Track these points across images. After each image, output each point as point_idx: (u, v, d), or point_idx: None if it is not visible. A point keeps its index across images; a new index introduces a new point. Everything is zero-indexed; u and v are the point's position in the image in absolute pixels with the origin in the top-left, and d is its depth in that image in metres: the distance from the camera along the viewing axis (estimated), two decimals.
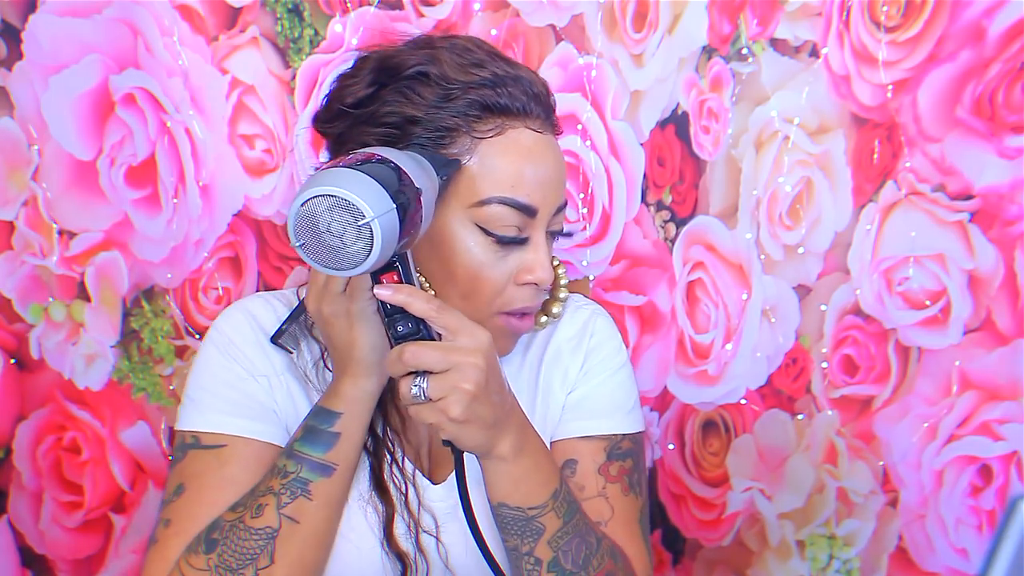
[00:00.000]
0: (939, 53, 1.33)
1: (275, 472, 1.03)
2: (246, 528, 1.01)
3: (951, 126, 1.34)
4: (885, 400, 1.42)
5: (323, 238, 0.86)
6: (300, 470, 1.02)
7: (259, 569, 1.00)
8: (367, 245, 0.86)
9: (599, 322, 1.21)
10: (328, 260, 0.87)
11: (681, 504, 1.52)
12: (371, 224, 0.86)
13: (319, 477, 1.02)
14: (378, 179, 0.88)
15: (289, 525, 1.01)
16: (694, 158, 1.43)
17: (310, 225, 0.86)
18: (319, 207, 0.86)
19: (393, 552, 1.09)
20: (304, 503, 1.01)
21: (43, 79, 1.52)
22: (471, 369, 0.94)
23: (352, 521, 1.09)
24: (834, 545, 1.47)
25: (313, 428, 1.03)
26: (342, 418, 1.02)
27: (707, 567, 1.53)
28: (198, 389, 1.10)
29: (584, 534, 1.05)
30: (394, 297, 0.94)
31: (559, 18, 1.43)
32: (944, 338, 1.38)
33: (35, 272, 1.58)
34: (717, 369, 1.47)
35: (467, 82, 1.03)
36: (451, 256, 1.05)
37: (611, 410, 1.17)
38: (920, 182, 1.36)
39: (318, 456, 1.02)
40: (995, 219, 1.34)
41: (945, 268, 1.37)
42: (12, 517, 1.65)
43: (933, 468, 1.41)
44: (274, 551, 1.00)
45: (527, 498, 1.02)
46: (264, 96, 1.49)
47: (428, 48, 1.06)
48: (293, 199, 0.87)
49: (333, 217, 0.86)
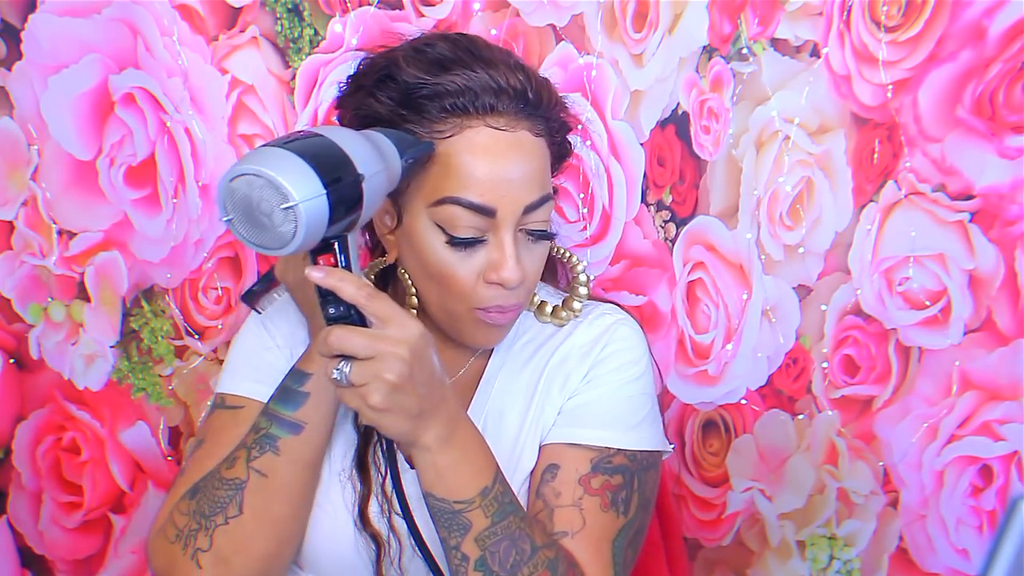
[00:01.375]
0: (939, 53, 1.33)
1: (251, 428, 1.07)
2: (220, 479, 1.06)
3: (951, 126, 1.34)
4: (886, 400, 1.42)
5: (253, 216, 0.86)
6: (270, 427, 1.05)
7: (229, 517, 1.05)
8: (292, 228, 0.86)
9: (620, 331, 1.17)
10: (256, 238, 0.87)
11: (681, 504, 1.52)
12: (295, 208, 0.85)
13: (287, 434, 1.05)
14: (312, 161, 0.87)
15: (257, 478, 1.05)
16: (694, 158, 1.43)
17: (239, 201, 0.86)
18: (248, 185, 0.86)
19: (367, 532, 1.12)
20: (272, 458, 1.05)
21: (43, 79, 1.52)
22: (394, 360, 0.93)
23: (330, 494, 1.13)
24: (834, 545, 1.47)
25: (286, 388, 1.06)
26: (312, 379, 1.05)
27: (707, 567, 1.53)
28: (231, 355, 1.17)
29: (517, 539, 1.03)
30: (325, 280, 0.92)
31: (559, 18, 1.42)
32: (945, 338, 1.38)
33: (35, 272, 1.58)
34: (717, 369, 1.47)
35: (424, 84, 1.04)
36: (422, 254, 1.06)
37: (608, 422, 1.14)
38: (920, 182, 1.36)
39: (288, 414, 1.05)
40: (995, 219, 1.34)
41: (945, 268, 1.37)
42: (12, 517, 1.66)
43: (934, 468, 1.41)
44: (242, 502, 1.05)
45: (453, 491, 1.01)
46: (264, 96, 1.49)
47: (400, 50, 1.08)
48: (224, 173, 0.87)
49: (262, 196, 0.86)
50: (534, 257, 1.09)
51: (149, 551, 1.11)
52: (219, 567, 1.05)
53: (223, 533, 1.05)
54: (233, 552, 1.05)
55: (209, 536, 1.05)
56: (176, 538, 1.07)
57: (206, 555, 1.05)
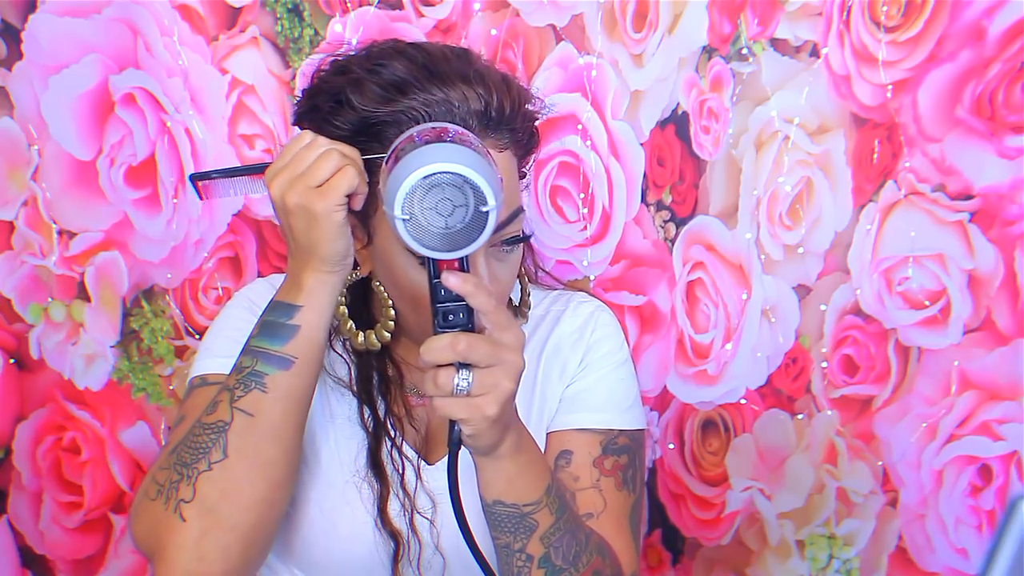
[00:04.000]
0: (939, 53, 1.33)
1: (232, 371, 1.01)
2: (200, 424, 0.99)
3: (951, 126, 1.34)
4: (885, 400, 1.42)
5: (425, 215, 0.83)
6: (255, 364, 0.99)
7: (212, 463, 0.97)
8: (475, 233, 0.84)
9: (602, 318, 1.22)
10: (428, 239, 0.84)
11: (681, 503, 1.52)
12: (490, 212, 0.83)
13: (276, 370, 0.99)
14: (492, 165, 0.85)
15: (243, 418, 0.98)
16: (694, 158, 1.44)
17: (426, 200, 0.83)
18: (440, 182, 0.83)
19: (386, 530, 1.10)
20: (259, 396, 0.98)
21: (43, 79, 1.52)
22: (514, 368, 0.91)
23: (347, 496, 1.11)
24: (834, 545, 1.47)
25: (271, 322, 1.00)
26: (302, 311, 0.99)
27: (706, 566, 1.53)
28: (209, 340, 1.12)
29: (575, 530, 1.04)
30: (461, 286, 0.88)
31: (559, 18, 1.43)
32: (944, 338, 1.38)
33: (35, 272, 1.58)
34: (717, 369, 1.47)
35: (378, 110, 1.01)
36: (394, 275, 1.05)
37: (608, 405, 1.17)
38: (920, 182, 1.36)
39: (276, 349, 0.99)
40: (995, 219, 1.34)
41: (945, 268, 1.37)
42: (12, 517, 1.66)
43: (933, 468, 1.41)
44: (226, 444, 0.97)
45: (523, 495, 1.01)
46: (264, 96, 1.50)
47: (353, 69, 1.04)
48: (394, 167, 0.83)
49: (450, 196, 0.83)
50: (508, 266, 1.07)
51: (131, 518, 1.03)
52: (205, 517, 0.97)
53: (207, 480, 0.97)
54: (220, 499, 0.97)
55: (192, 485, 0.97)
56: (157, 494, 0.99)
57: (190, 506, 0.97)
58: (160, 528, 0.97)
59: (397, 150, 0.88)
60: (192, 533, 0.96)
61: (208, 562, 0.96)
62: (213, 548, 0.96)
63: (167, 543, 0.96)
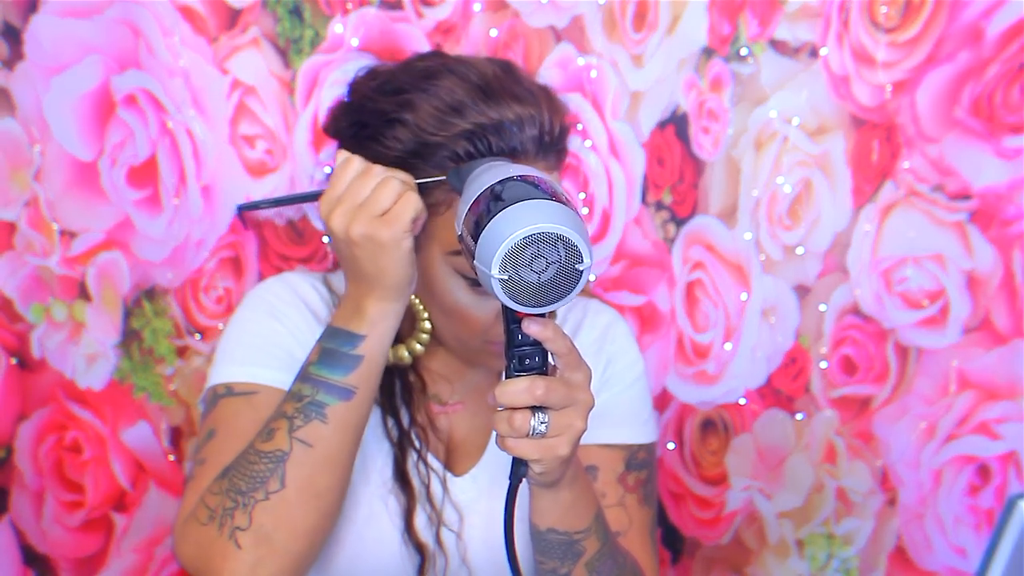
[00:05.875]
0: (938, 54, 1.33)
1: (289, 397, 1.00)
2: (256, 452, 0.99)
3: (950, 126, 1.34)
4: (884, 400, 1.42)
5: (520, 272, 0.81)
6: (316, 393, 0.99)
7: (269, 492, 0.98)
8: (568, 289, 0.82)
9: (620, 329, 1.22)
10: (513, 292, 0.82)
11: (680, 503, 1.53)
12: (584, 271, 0.82)
13: (337, 401, 0.99)
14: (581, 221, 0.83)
15: (301, 448, 0.98)
16: (694, 158, 1.44)
17: (518, 258, 0.80)
18: (539, 240, 0.80)
19: (412, 543, 1.10)
20: (319, 427, 0.99)
21: (44, 80, 1.52)
22: (585, 407, 0.91)
23: (373, 508, 1.10)
24: (833, 544, 1.47)
25: (332, 351, 1.00)
26: (366, 341, 0.99)
27: (706, 566, 1.53)
28: (230, 345, 1.11)
29: (615, 554, 1.05)
30: (542, 333, 0.87)
31: (559, 19, 1.43)
32: (943, 338, 1.39)
33: (36, 272, 1.58)
34: (716, 369, 1.48)
35: (441, 133, 1.00)
36: (439, 296, 1.05)
37: (629, 419, 1.17)
38: (919, 182, 1.37)
39: (337, 379, 0.99)
40: (993, 219, 1.35)
41: (944, 268, 1.37)
42: (14, 516, 1.66)
43: (931, 467, 1.42)
44: (284, 474, 0.98)
45: (575, 523, 1.01)
46: (265, 97, 1.50)
47: (408, 87, 1.03)
48: (488, 221, 0.81)
49: (545, 255, 0.81)
50: None
51: (177, 539, 1.04)
52: (261, 546, 0.97)
53: (264, 509, 0.98)
54: (275, 528, 0.98)
55: (248, 513, 0.98)
56: (209, 519, 0.99)
57: (246, 533, 0.97)
58: (213, 553, 0.98)
59: (485, 198, 0.85)
60: (247, 560, 0.97)
61: None
62: (266, 574, 0.98)
63: (221, 569, 0.98)
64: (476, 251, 0.82)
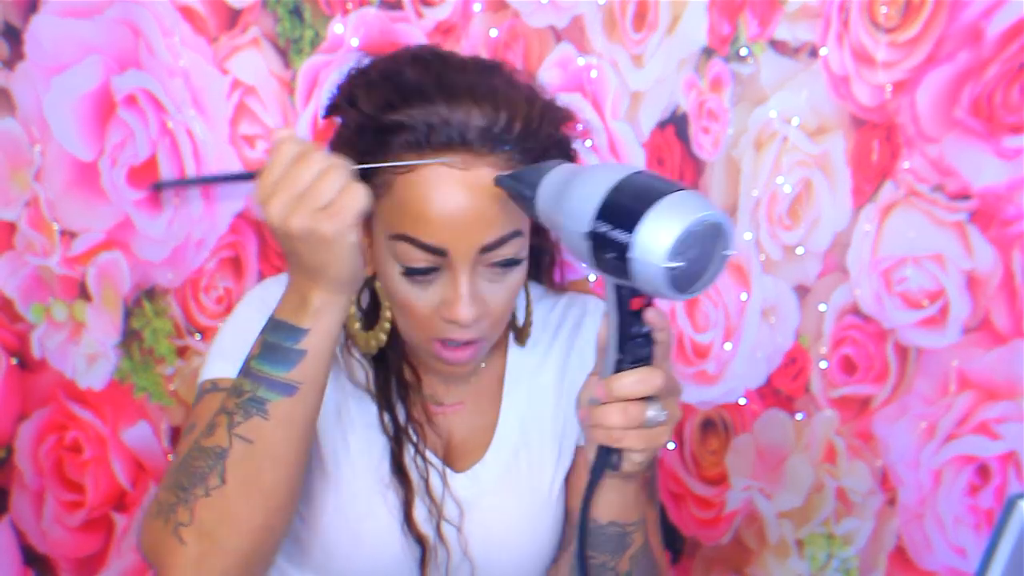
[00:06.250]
0: (938, 54, 1.33)
1: (230, 392, 0.98)
2: (198, 448, 0.97)
3: (949, 127, 1.35)
4: (884, 400, 1.42)
5: (687, 259, 0.82)
6: (257, 389, 0.96)
7: (210, 489, 0.96)
8: (714, 275, 0.84)
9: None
10: (678, 280, 0.83)
11: (680, 503, 1.53)
12: (728, 256, 0.84)
13: (279, 396, 0.95)
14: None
15: (241, 445, 0.95)
16: (694, 158, 1.44)
17: (694, 245, 0.81)
18: (710, 231, 0.82)
19: (412, 536, 1.09)
20: (260, 423, 0.95)
21: (45, 80, 1.53)
22: (680, 395, 0.93)
23: (371, 504, 1.10)
24: (833, 544, 1.48)
25: (274, 345, 0.96)
26: (308, 335, 0.95)
27: (706, 566, 1.54)
28: (222, 343, 1.10)
29: (651, 548, 1.07)
30: (661, 321, 0.90)
31: (559, 19, 1.43)
32: (942, 338, 1.39)
33: (37, 272, 1.59)
34: (716, 369, 1.48)
35: (381, 120, 1.00)
36: (384, 279, 1.05)
37: None
38: (919, 182, 1.37)
39: (279, 375, 0.95)
40: (993, 219, 1.35)
41: (943, 268, 1.37)
42: (14, 516, 1.66)
43: (931, 467, 1.42)
44: (224, 471, 0.95)
45: (631, 515, 1.02)
46: (265, 97, 1.50)
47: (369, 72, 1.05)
48: (651, 217, 0.81)
49: (709, 243, 0.83)
50: (502, 288, 1.05)
51: (138, 534, 1.03)
52: (203, 542, 0.95)
53: (205, 506, 0.95)
54: (217, 524, 0.95)
55: (189, 509, 0.96)
56: (158, 513, 0.98)
57: (188, 529, 0.96)
58: (161, 548, 0.97)
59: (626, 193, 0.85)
60: (191, 556, 0.96)
61: None
62: (212, 570, 0.96)
63: (168, 563, 0.96)
64: (634, 243, 0.81)
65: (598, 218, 0.84)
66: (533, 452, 1.16)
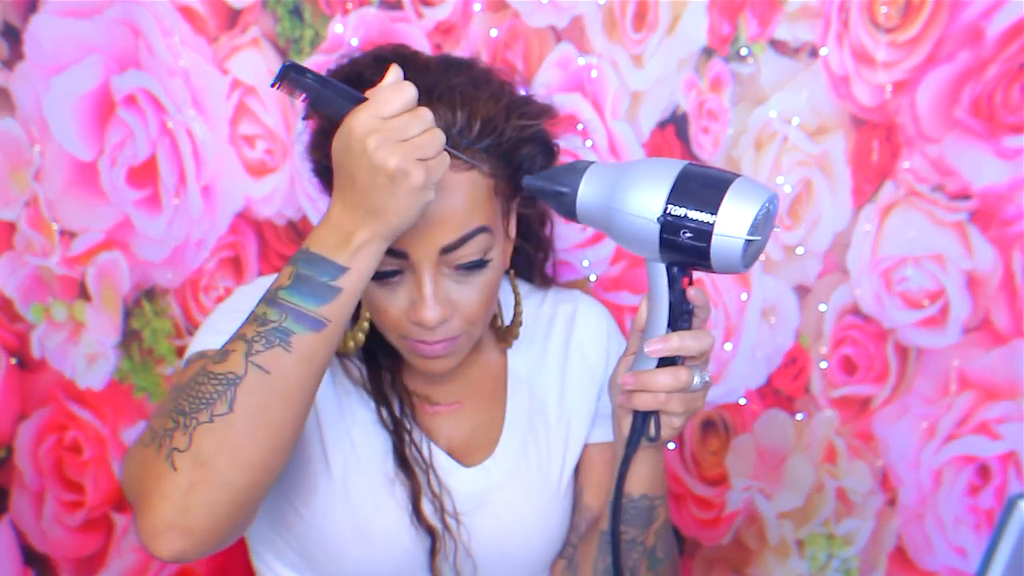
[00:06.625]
0: (938, 54, 1.33)
1: (251, 319, 0.94)
2: (205, 373, 0.93)
3: (950, 127, 1.35)
4: (884, 400, 1.42)
5: (759, 234, 0.92)
6: (284, 319, 0.92)
7: (215, 415, 0.91)
8: (760, 251, 0.95)
9: (614, 326, 1.26)
10: (747, 254, 0.93)
11: (680, 503, 1.53)
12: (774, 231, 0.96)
13: (305, 331, 0.93)
14: None
15: (257, 374, 0.92)
16: (694, 158, 1.44)
17: (763, 223, 0.92)
18: (771, 208, 0.93)
19: (423, 526, 1.10)
20: (281, 354, 0.92)
21: (44, 80, 1.53)
22: (710, 360, 1.01)
23: (379, 500, 1.10)
24: (833, 544, 1.48)
25: (308, 278, 0.93)
26: (348, 274, 0.93)
27: (706, 566, 1.54)
28: (214, 321, 1.09)
29: (670, 526, 1.14)
30: (704, 299, 0.99)
31: (559, 19, 1.43)
32: (943, 338, 1.39)
33: (36, 272, 1.59)
34: (717, 369, 1.48)
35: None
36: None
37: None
38: (919, 182, 1.37)
39: (310, 308, 0.93)
40: (993, 219, 1.35)
41: (944, 268, 1.37)
42: (14, 516, 1.66)
43: (932, 467, 1.42)
44: (233, 399, 0.91)
45: (659, 488, 1.10)
46: (265, 97, 1.50)
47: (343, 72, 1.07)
48: (731, 196, 0.91)
49: (769, 220, 0.94)
50: (471, 289, 1.05)
51: (122, 464, 0.98)
52: (197, 470, 0.90)
53: (206, 432, 0.91)
54: (216, 453, 0.90)
55: (188, 435, 0.91)
56: (151, 440, 0.93)
57: (183, 455, 0.90)
58: (148, 474, 0.91)
59: (695, 179, 0.94)
60: (181, 483, 0.90)
61: (192, 516, 0.90)
62: (200, 503, 0.90)
63: (153, 490, 0.91)
64: (716, 223, 0.91)
65: (670, 202, 0.93)
66: (541, 447, 1.17)
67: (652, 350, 0.97)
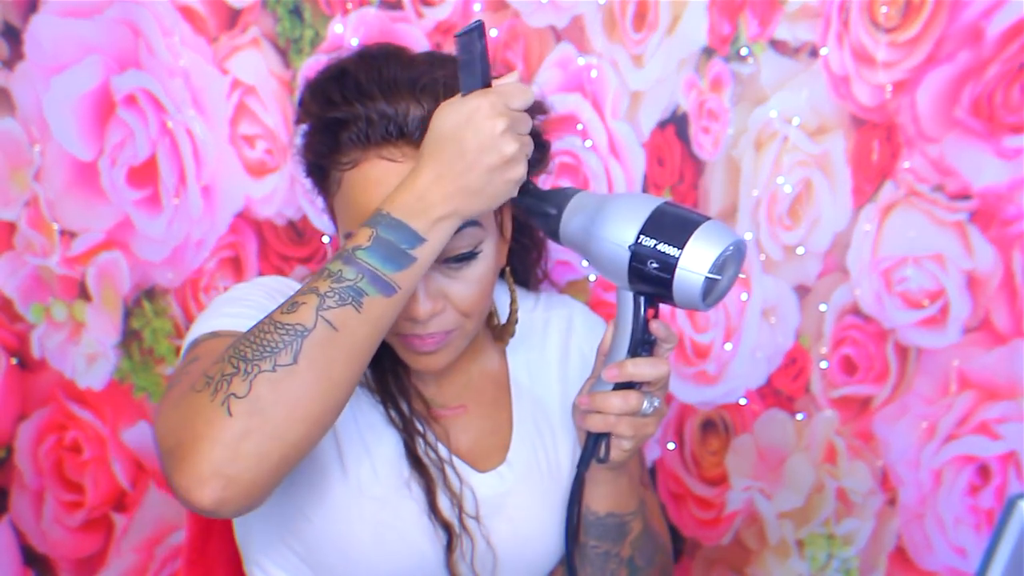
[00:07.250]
0: (938, 54, 1.33)
1: (324, 275, 0.93)
2: (273, 322, 0.91)
3: (950, 126, 1.35)
4: (884, 400, 1.42)
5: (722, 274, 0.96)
6: (359, 279, 0.92)
7: (278, 365, 0.89)
8: (727, 291, 0.98)
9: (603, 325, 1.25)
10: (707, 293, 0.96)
11: (680, 503, 1.53)
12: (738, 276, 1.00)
13: (378, 294, 0.92)
14: None
15: (326, 329, 0.90)
16: (694, 158, 1.44)
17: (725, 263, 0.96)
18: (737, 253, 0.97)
19: (440, 523, 1.10)
20: (351, 313, 0.91)
21: (44, 80, 1.53)
22: (667, 386, 1.03)
23: (395, 501, 1.09)
24: (833, 544, 1.48)
25: (389, 243, 0.93)
26: (425, 245, 0.93)
27: (706, 566, 1.54)
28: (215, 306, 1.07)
29: (652, 533, 1.14)
30: (668, 334, 1.02)
31: (559, 19, 1.43)
32: (943, 338, 1.39)
33: (37, 272, 1.59)
34: (717, 369, 1.48)
35: (323, 117, 1.03)
36: None
37: None
38: (919, 182, 1.37)
39: (386, 273, 0.93)
40: (993, 219, 1.35)
41: (944, 268, 1.37)
42: (14, 516, 1.66)
43: (932, 467, 1.42)
44: (299, 351, 0.89)
45: (628, 505, 1.11)
46: (265, 97, 1.50)
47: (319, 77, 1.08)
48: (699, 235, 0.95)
49: (733, 263, 0.97)
50: (462, 283, 1.05)
51: (160, 412, 0.95)
52: (254, 418, 0.88)
53: (266, 380, 0.88)
54: (274, 403, 0.88)
55: (248, 381, 0.88)
56: (205, 385, 0.90)
57: (241, 401, 0.88)
58: (200, 419, 0.88)
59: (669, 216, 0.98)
60: (235, 429, 0.87)
61: (240, 465, 0.88)
62: (251, 452, 0.88)
63: (204, 435, 0.88)
64: (680, 257, 0.95)
65: (643, 233, 0.97)
66: (549, 450, 1.17)
67: (608, 375, 1.01)
